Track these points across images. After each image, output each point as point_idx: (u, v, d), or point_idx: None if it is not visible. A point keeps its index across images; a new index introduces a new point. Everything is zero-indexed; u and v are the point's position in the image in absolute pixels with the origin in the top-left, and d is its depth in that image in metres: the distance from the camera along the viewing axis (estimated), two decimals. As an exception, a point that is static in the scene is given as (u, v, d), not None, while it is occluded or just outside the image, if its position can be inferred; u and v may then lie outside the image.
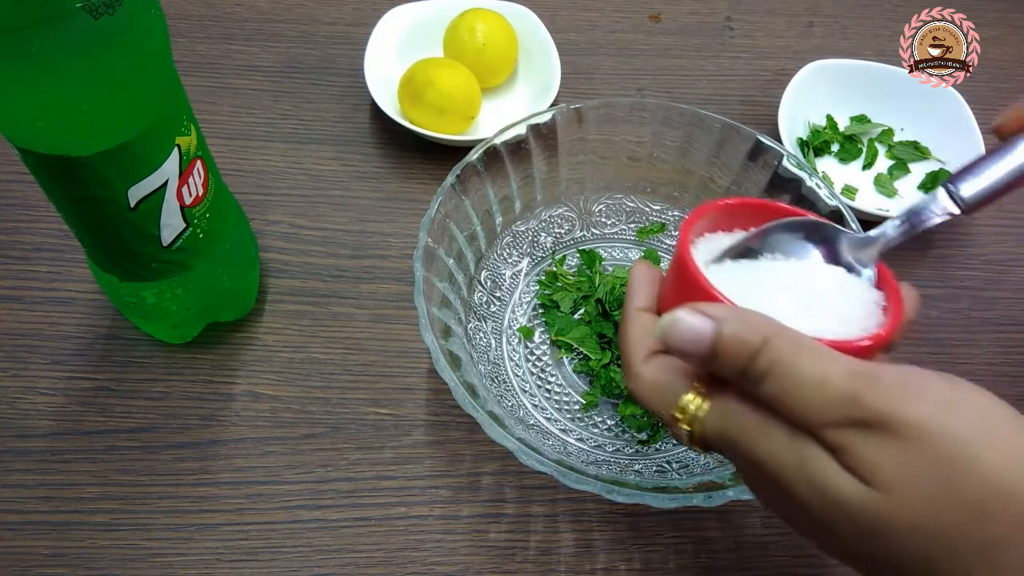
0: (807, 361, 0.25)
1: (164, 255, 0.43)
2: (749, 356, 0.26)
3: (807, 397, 0.25)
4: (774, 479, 0.27)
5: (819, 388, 0.25)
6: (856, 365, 0.25)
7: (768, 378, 0.26)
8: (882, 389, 0.25)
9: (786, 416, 0.26)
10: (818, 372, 0.25)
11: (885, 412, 0.24)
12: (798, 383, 0.25)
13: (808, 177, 0.49)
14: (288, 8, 0.71)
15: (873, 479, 0.24)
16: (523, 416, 0.47)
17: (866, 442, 0.24)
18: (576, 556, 0.45)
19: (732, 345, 0.27)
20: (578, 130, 0.52)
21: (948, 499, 0.24)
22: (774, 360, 0.26)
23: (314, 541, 0.45)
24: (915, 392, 0.25)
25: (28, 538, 0.44)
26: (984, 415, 0.25)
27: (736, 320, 0.27)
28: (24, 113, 0.33)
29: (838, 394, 0.25)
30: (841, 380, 0.25)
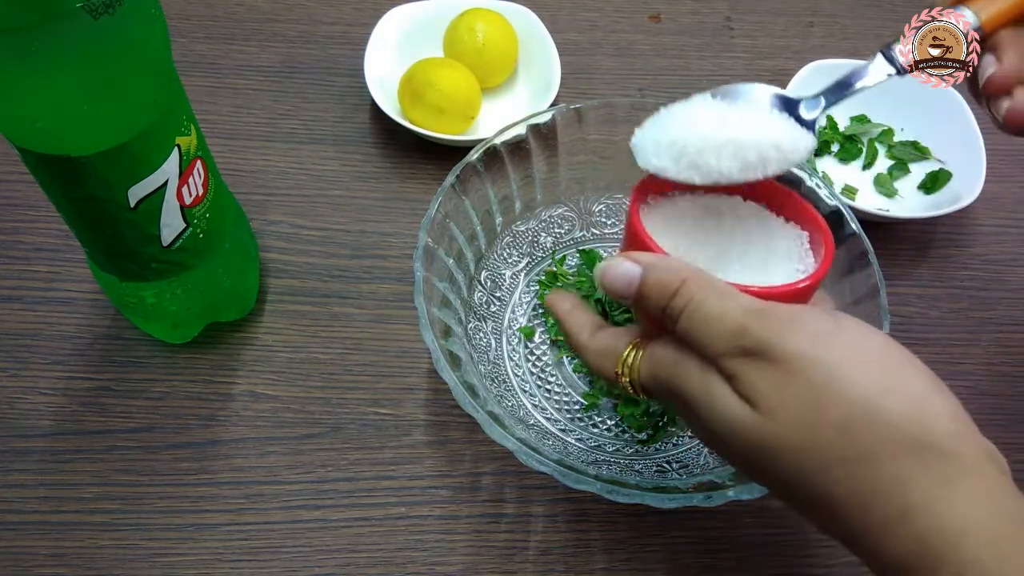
0: (712, 299, 0.29)
1: (164, 255, 0.43)
2: (668, 296, 0.30)
3: (708, 330, 0.29)
4: (690, 406, 0.30)
5: (718, 322, 0.29)
6: (753, 303, 0.29)
7: (682, 316, 0.30)
8: (768, 322, 0.28)
9: (696, 349, 0.30)
10: (719, 308, 0.29)
11: (767, 342, 0.27)
12: (703, 318, 0.29)
13: (808, 177, 0.49)
14: (288, 8, 0.71)
15: (757, 402, 0.28)
16: (523, 416, 0.47)
17: (751, 369, 0.28)
18: (576, 556, 0.45)
19: (654, 286, 0.31)
20: (578, 130, 0.52)
21: (817, 420, 0.27)
22: (687, 299, 0.30)
23: (314, 541, 0.45)
24: (797, 325, 0.28)
25: (28, 538, 0.44)
26: (857, 345, 0.28)
27: (660, 266, 0.31)
28: (24, 113, 0.33)
29: (732, 327, 0.28)
30: (736, 315, 0.28)
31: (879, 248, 0.46)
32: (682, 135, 0.34)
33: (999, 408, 0.51)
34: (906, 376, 0.27)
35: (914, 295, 0.57)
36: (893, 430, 0.26)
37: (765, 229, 0.36)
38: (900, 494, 0.26)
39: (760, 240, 0.36)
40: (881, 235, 0.57)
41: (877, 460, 0.26)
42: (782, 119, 0.35)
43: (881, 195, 0.62)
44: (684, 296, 0.30)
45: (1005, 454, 0.30)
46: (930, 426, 0.26)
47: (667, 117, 0.35)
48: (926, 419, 0.26)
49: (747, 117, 0.34)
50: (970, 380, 0.53)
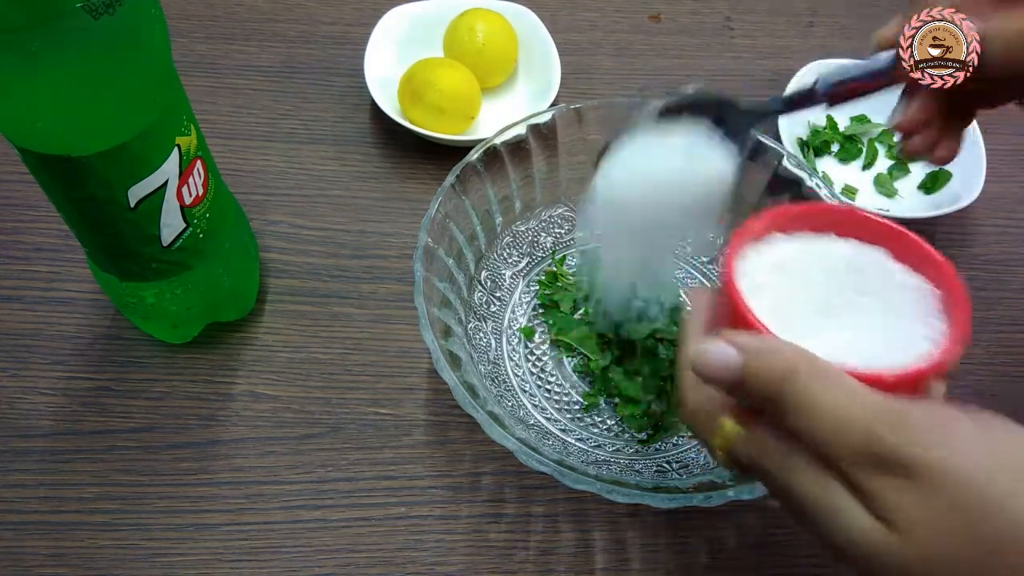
0: (831, 397, 0.25)
1: (164, 255, 0.43)
2: (775, 389, 0.26)
3: (830, 435, 0.25)
4: (800, 509, 0.27)
5: (841, 426, 0.25)
6: (879, 404, 0.25)
7: (794, 412, 0.26)
8: (904, 430, 0.25)
9: (811, 450, 0.26)
10: (841, 409, 0.25)
11: (905, 455, 0.24)
12: (821, 420, 0.25)
13: (808, 177, 0.49)
14: (288, 8, 0.71)
15: (892, 521, 0.25)
16: (523, 416, 0.47)
17: (885, 483, 0.25)
18: (576, 556, 0.45)
19: (758, 377, 0.27)
20: (578, 130, 0.52)
21: (965, 544, 0.24)
22: (799, 395, 0.26)
23: (314, 541, 0.45)
24: (937, 434, 0.25)
25: (28, 538, 0.44)
26: (1007, 457, 0.25)
27: (763, 352, 0.27)
28: (24, 113, 0.33)
29: (860, 434, 0.25)
30: (863, 419, 0.25)
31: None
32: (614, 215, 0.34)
33: (1000, 408, 0.51)
34: None
35: (914, 295, 0.57)
36: None
37: (884, 279, 0.32)
38: None
39: (878, 293, 0.32)
40: (881, 235, 0.57)
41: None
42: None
43: (881, 195, 0.62)
44: (795, 390, 0.26)
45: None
46: None
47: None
48: None
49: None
50: (970, 380, 0.53)
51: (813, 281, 0.32)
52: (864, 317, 0.31)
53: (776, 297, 0.31)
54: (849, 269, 0.32)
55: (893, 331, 0.30)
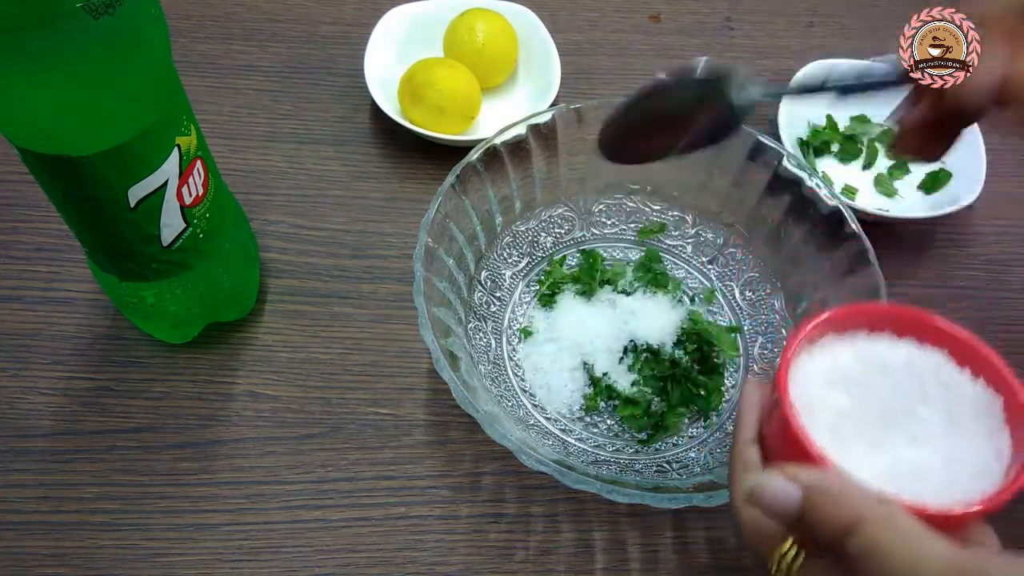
0: (901, 549, 0.25)
1: (164, 255, 0.43)
2: (839, 535, 0.26)
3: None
4: None
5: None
6: (958, 557, 0.25)
7: (862, 562, 0.25)
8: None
9: None
10: (913, 562, 0.25)
11: None
12: (893, 570, 0.25)
13: (808, 177, 0.49)
14: (288, 8, 0.71)
15: None
16: (523, 416, 0.47)
17: None
18: (576, 556, 0.45)
19: (820, 521, 0.26)
20: (578, 130, 0.52)
21: None
22: (867, 544, 0.25)
23: (314, 541, 0.45)
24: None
25: (28, 538, 0.44)
26: None
27: (825, 493, 0.26)
28: (24, 113, 0.33)
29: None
30: (940, 573, 0.24)
31: (879, 248, 0.46)
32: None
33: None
34: None
35: (914, 295, 0.57)
36: None
37: (945, 387, 0.30)
38: None
39: (941, 403, 0.30)
40: (881, 235, 0.57)
41: None
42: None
43: (881, 195, 0.62)
44: (863, 540, 0.25)
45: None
46: None
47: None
48: None
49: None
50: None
51: (872, 391, 0.30)
52: (927, 430, 0.29)
53: (833, 411, 0.30)
54: (909, 375, 0.31)
55: (958, 448, 0.29)
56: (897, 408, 0.30)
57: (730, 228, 0.54)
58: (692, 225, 0.55)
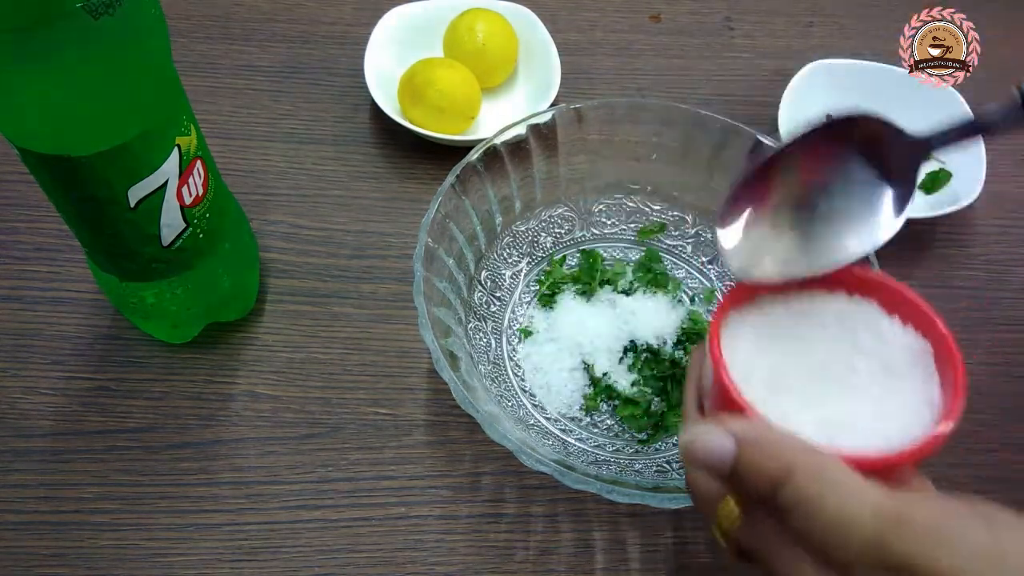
0: (832, 499, 0.25)
1: (164, 255, 0.43)
2: (771, 486, 0.25)
3: (834, 539, 0.24)
4: None
5: (846, 529, 0.24)
6: (883, 505, 0.24)
7: (794, 513, 0.25)
8: (912, 535, 0.24)
9: (814, 551, 0.25)
10: (844, 512, 0.24)
11: (916, 562, 0.23)
12: (824, 522, 0.24)
13: (808, 177, 0.49)
14: (288, 8, 0.71)
15: None
16: (523, 416, 0.47)
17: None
18: (576, 556, 0.45)
19: (752, 472, 0.26)
20: (578, 130, 0.52)
21: None
22: (797, 496, 0.25)
23: (314, 541, 0.45)
24: (948, 540, 0.23)
25: (28, 538, 0.44)
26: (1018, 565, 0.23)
27: (756, 444, 0.26)
28: (24, 113, 0.33)
29: (865, 538, 0.24)
30: (868, 522, 0.24)
31: (879, 248, 0.46)
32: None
33: (999, 408, 0.51)
34: None
35: (914, 295, 0.57)
36: None
37: (879, 336, 0.31)
38: None
39: (874, 352, 0.30)
40: (881, 235, 0.57)
41: None
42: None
43: (881, 195, 0.62)
44: (795, 491, 0.25)
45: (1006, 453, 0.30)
46: None
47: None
48: None
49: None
50: (970, 380, 0.53)
51: (806, 344, 0.31)
52: (861, 380, 0.30)
53: (767, 367, 0.30)
54: (842, 327, 0.31)
55: (893, 395, 0.29)
56: (831, 360, 0.30)
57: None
58: (692, 225, 0.55)
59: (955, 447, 0.50)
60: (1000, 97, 0.41)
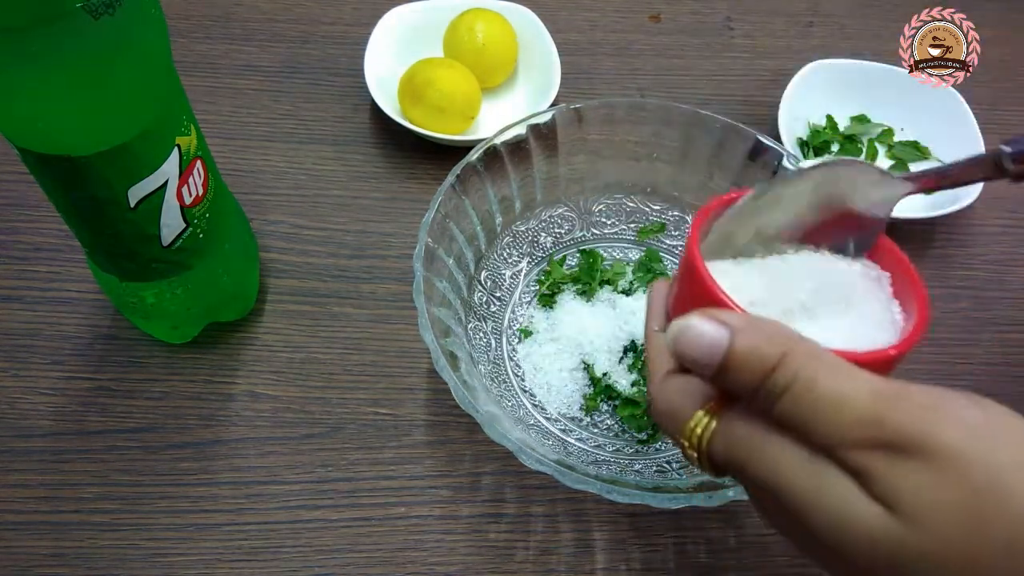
0: (828, 378, 0.24)
1: (164, 255, 0.43)
2: (765, 371, 0.24)
3: (827, 416, 0.23)
4: (787, 504, 0.25)
5: (840, 407, 0.23)
6: (880, 384, 0.24)
7: (785, 396, 0.24)
8: (910, 409, 0.23)
9: (804, 437, 0.24)
10: (839, 389, 0.24)
11: (914, 434, 0.23)
12: (818, 401, 0.24)
13: (808, 177, 0.49)
14: (288, 8, 0.71)
15: (899, 506, 0.23)
16: (523, 416, 0.47)
17: (892, 466, 0.23)
18: (576, 556, 0.45)
19: (747, 358, 0.25)
20: (578, 130, 0.52)
21: (980, 534, 0.22)
22: (792, 376, 0.24)
23: (314, 541, 0.45)
24: (946, 414, 0.23)
25: (28, 538, 0.44)
26: (1015, 440, 0.23)
27: (752, 331, 0.25)
28: (24, 113, 0.33)
29: (861, 413, 0.23)
30: (865, 399, 0.23)
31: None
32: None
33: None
34: None
35: (914, 295, 0.57)
36: None
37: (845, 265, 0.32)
38: None
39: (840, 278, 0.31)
40: (881, 235, 0.57)
41: None
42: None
43: (881, 195, 0.62)
44: (788, 372, 0.24)
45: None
46: None
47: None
48: None
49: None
50: (970, 380, 0.53)
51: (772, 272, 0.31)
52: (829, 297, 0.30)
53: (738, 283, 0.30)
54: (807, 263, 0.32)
55: (860, 316, 0.30)
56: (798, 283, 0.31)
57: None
58: (692, 225, 0.55)
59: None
60: (1000, 98, 0.41)
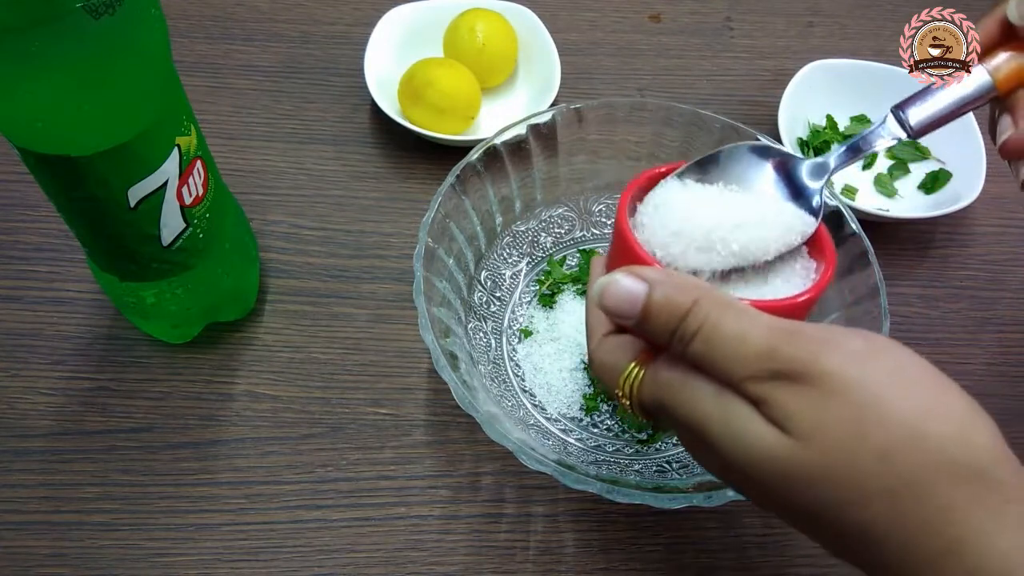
0: (731, 319, 0.27)
1: (164, 255, 0.43)
2: (679, 317, 0.27)
3: (730, 353, 0.26)
4: (701, 435, 0.28)
5: (741, 343, 0.26)
6: (776, 322, 0.27)
7: (696, 337, 0.27)
8: (800, 342, 0.26)
9: (712, 373, 0.27)
10: (740, 328, 0.26)
11: (801, 363, 0.25)
12: (722, 340, 0.26)
13: (808, 177, 0.49)
14: (288, 8, 0.71)
15: (790, 427, 0.25)
16: (523, 416, 0.47)
17: (783, 392, 0.25)
18: (576, 556, 0.45)
19: (663, 306, 0.28)
20: (578, 130, 0.52)
21: (858, 445, 0.24)
22: (701, 320, 0.27)
23: (314, 541, 0.45)
24: (831, 345, 0.26)
25: (28, 538, 0.44)
26: (895, 365, 0.26)
27: (667, 283, 0.28)
28: (24, 113, 0.33)
29: (758, 348, 0.26)
30: (761, 335, 0.26)
31: (879, 248, 0.46)
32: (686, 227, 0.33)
33: (1000, 408, 0.51)
34: (948, 398, 0.26)
35: (914, 295, 0.57)
36: (939, 457, 0.24)
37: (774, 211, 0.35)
38: (948, 527, 0.24)
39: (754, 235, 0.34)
40: (881, 235, 0.57)
41: (922, 490, 0.24)
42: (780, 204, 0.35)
43: (881, 195, 0.62)
44: (698, 316, 0.27)
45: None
46: (976, 452, 0.24)
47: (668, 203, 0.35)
48: (971, 445, 0.25)
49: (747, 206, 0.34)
50: (970, 380, 0.52)
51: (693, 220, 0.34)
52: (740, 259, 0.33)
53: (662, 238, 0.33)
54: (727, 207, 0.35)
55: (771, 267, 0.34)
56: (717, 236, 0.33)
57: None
58: (692, 225, 0.55)
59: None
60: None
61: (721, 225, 0.33)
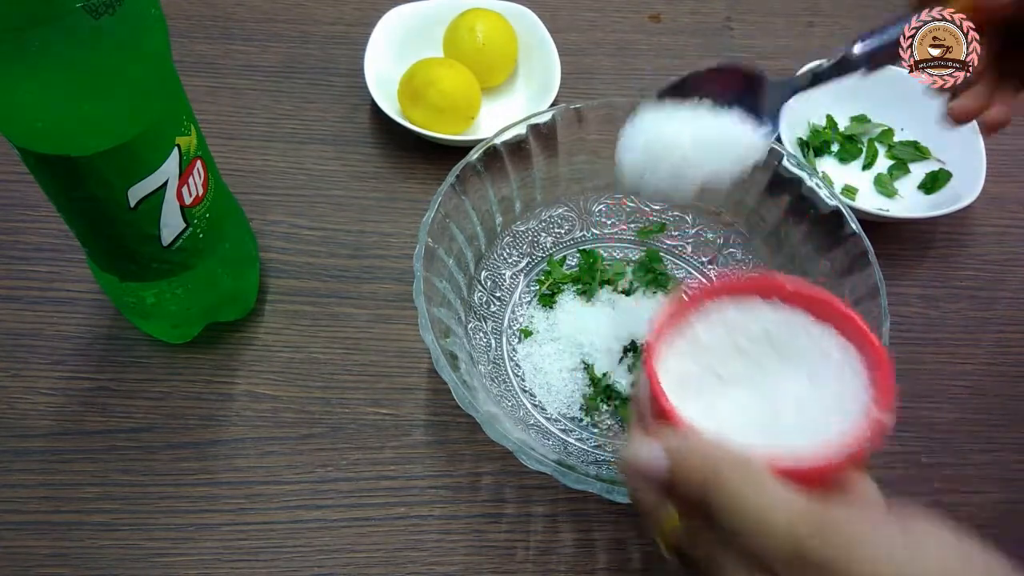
0: (752, 500, 0.26)
1: (164, 255, 0.43)
2: (699, 493, 0.27)
3: (754, 539, 0.26)
4: None
5: (766, 529, 0.25)
6: (801, 506, 0.25)
7: (718, 515, 0.26)
8: (829, 538, 0.25)
9: (741, 552, 0.27)
10: (762, 514, 0.26)
11: (831, 563, 0.24)
12: (745, 523, 0.26)
13: (808, 177, 0.49)
14: (288, 8, 0.71)
15: None
16: (523, 416, 0.47)
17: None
18: (576, 556, 0.45)
19: (682, 482, 0.27)
20: (578, 130, 0.52)
21: None
22: (722, 499, 0.26)
23: (314, 541, 0.45)
24: (863, 543, 0.25)
25: (28, 538, 0.44)
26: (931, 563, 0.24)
27: (685, 453, 0.28)
28: (24, 113, 0.33)
29: (786, 539, 0.25)
30: (785, 523, 0.25)
31: (879, 248, 0.46)
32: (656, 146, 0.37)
33: (1000, 408, 0.51)
34: None
35: (914, 295, 0.57)
36: None
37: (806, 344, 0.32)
38: None
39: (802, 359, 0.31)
40: (881, 235, 0.57)
41: None
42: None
43: (881, 195, 0.62)
44: (717, 495, 0.26)
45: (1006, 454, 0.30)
46: None
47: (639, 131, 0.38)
48: None
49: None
50: (970, 380, 0.53)
51: (732, 352, 0.32)
52: (788, 385, 0.31)
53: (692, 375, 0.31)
54: (767, 336, 0.32)
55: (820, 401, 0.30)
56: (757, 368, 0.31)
57: (730, 228, 0.54)
58: (692, 225, 0.55)
59: (956, 446, 0.50)
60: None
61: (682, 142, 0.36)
